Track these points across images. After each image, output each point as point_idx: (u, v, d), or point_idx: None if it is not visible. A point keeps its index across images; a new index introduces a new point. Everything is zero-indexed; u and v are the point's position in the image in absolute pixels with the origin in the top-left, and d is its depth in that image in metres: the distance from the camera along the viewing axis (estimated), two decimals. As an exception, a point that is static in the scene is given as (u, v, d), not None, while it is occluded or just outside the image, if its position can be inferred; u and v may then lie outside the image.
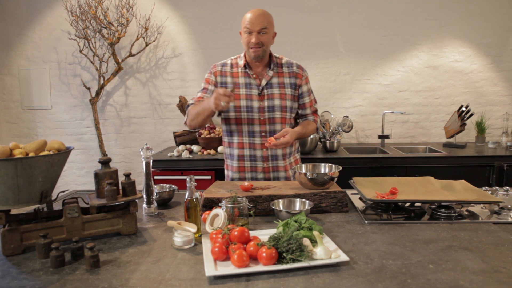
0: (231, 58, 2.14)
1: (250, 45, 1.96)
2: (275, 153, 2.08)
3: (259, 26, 1.93)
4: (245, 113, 2.04)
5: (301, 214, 1.37)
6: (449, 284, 1.03)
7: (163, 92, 4.03)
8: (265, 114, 2.04)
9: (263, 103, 2.04)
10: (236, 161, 2.10)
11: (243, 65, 2.05)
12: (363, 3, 3.81)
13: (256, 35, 1.94)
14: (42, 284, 1.07)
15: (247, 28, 1.95)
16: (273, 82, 2.06)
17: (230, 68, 2.10)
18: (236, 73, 2.08)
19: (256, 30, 1.93)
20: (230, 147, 2.12)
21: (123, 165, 4.15)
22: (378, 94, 3.93)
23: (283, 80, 2.07)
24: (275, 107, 2.04)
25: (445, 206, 1.62)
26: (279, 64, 2.09)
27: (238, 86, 2.04)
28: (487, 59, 3.82)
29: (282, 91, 2.06)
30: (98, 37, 3.86)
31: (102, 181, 1.39)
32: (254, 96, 2.04)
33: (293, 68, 2.10)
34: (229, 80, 2.07)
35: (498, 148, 3.48)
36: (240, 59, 2.09)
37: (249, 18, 1.94)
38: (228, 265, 1.14)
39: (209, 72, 2.12)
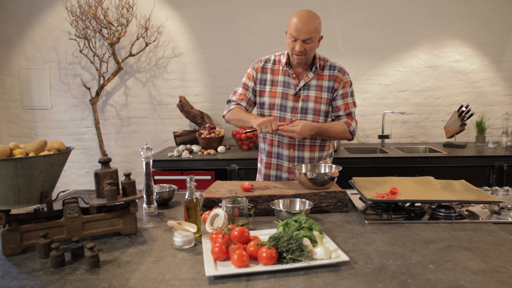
0: (276, 54, 2.10)
1: (294, 52, 1.90)
2: (302, 155, 2.04)
3: (305, 35, 1.84)
4: (278, 111, 2.02)
5: (301, 214, 1.37)
6: (449, 284, 1.03)
7: (163, 92, 4.03)
8: (297, 115, 2.00)
9: (298, 103, 2.00)
10: (265, 157, 2.12)
11: (285, 63, 2.02)
12: (363, 3, 3.81)
13: (301, 44, 1.86)
14: (42, 284, 1.07)
15: (292, 36, 1.87)
16: (311, 84, 2.01)
17: (272, 64, 2.07)
18: (276, 70, 2.05)
19: (301, 39, 1.85)
20: (263, 142, 2.13)
21: (123, 165, 4.15)
22: (378, 94, 3.93)
23: (322, 83, 2.01)
24: (309, 110, 2.00)
25: (445, 206, 1.62)
26: (322, 66, 2.03)
27: (286, 125, 1.89)
28: (487, 59, 3.82)
29: (318, 94, 2.00)
30: (98, 37, 3.86)
31: (102, 181, 1.39)
32: (290, 96, 2.01)
33: (335, 72, 2.02)
34: (268, 77, 2.05)
35: (498, 148, 3.48)
36: (283, 57, 2.04)
37: (295, 25, 1.84)
38: (228, 265, 1.14)
39: (252, 67, 2.10)
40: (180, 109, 3.78)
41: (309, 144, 2.04)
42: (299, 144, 2.03)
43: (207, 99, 4.02)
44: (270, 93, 2.04)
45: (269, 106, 2.03)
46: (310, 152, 2.05)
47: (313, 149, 2.06)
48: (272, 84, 2.05)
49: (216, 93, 4.00)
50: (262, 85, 2.06)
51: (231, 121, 2.08)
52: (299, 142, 2.03)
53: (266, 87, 2.05)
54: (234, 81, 3.95)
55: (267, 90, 2.05)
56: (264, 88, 2.06)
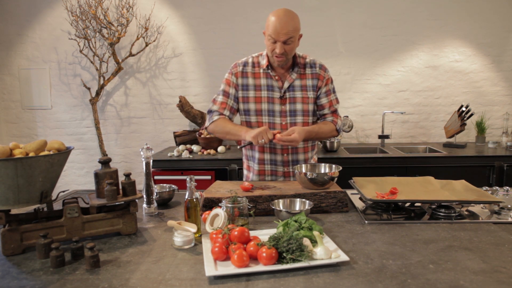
0: (253, 56, 2.01)
1: (274, 54, 1.83)
2: (296, 158, 2.02)
3: (285, 37, 1.77)
4: (266, 117, 1.96)
5: (301, 214, 1.37)
6: (449, 284, 1.03)
7: (163, 92, 4.03)
8: (286, 118, 1.96)
9: (285, 107, 1.95)
10: (257, 164, 2.05)
11: (265, 66, 1.94)
12: (363, 3, 3.81)
13: (281, 45, 1.79)
14: (42, 284, 1.07)
15: (271, 37, 1.80)
16: (296, 85, 1.96)
17: (252, 67, 1.98)
18: (257, 74, 1.96)
19: (281, 40, 1.78)
20: (251, 149, 2.06)
21: (123, 165, 4.15)
22: (378, 94, 3.93)
23: (306, 82, 1.97)
24: (297, 111, 1.96)
25: (445, 206, 1.62)
26: (302, 64, 1.97)
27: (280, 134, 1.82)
28: (487, 59, 3.82)
29: (304, 94, 1.96)
30: (98, 37, 3.86)
31: (102, 181, 1.39)
32: (276, 100, 1.95)
33: (316, 69, 1.98)
34: (250, 82, 1.96)
35: (498, 148, 3.48)
36: (263, 58, 1.96)
37: (274, 26, 1.77)
38: (228, 265, 1.14)
39: (230, 73, 2.00)
40: (180, 109, 3.78)
41: (302, 146, 2.02)
42: (292, 147, 2.00)
43: (207, 99, 4.02)
44: (255, 98, 1.96)
45: (256, 113, 1.96)
46: (304, 154, 2.04)
47: (306, 150, 2.05)
48: (255, 89, 1.96)
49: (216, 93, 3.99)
50: (245, 91, 1.97)
51: (216, 134, 1.99)
52: (292, 146, 1.98)
53: (249, 92, 1.97)
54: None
55: (251, 95, 1.96)
56: (248, 94, 1.97)
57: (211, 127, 2.00)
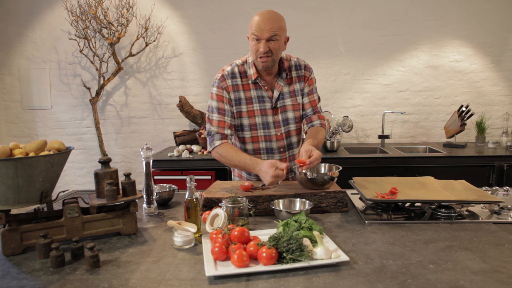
0: (237, 64, 1.89)
1: (259, 54, 1.75)
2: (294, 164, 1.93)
3: (268, 33, 1.70)
4: (261, 130, 1.90)
5: (301, 214, 1.37)
6: (449, 284, 1.03)
7: (163, 92, 4.03)
8: (281, 128, 1.91)
9: (277, 116, 1.89)
10: (255, 177, 1.97)
11: (254, 78, 1.84)
12: (363, 3, 3.81)
13: (265, 43, 1.71)
14: (42, 284, 1.07)
15: (254, 35, 1.73)
16: (285, 92, 1.90)
17: (240, 79, 1.87)
18: (246, 85, 1.86)
19: (264, 37, 1.71)
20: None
21: (123, 165, 4.15)
22: (378, 94, 3.93)
23: (294, 87, 1.91)
24: (290, 120, 1.92)
25: (445, 206, 1.62)
26: (287, 67, 1.90)
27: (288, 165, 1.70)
28: (487, 59, 3.82)
29: (294, 101, 1.91)
30: (98, 37, 3.86)
31: (102, 181, 1.39)
32: (268, 111, 1.88)
33: (302, 71, 1.92)
34: (242, 96, 1.86)
35: (498, 148, 3.48)
36: (249, 67, 1.86)
37: (257, 24, 1.72)
38: (228, 265, 1.14)
39: (219, 87, 1.86)
40: (180, 109, 3.78)
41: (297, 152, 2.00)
42: (290, 155, 1.99)
43: (207, 99, 4.02)
44: (248, 112, 1.87)
45: (250, 127, 1.89)
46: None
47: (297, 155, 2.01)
48: (247, 103, 1.87)
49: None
50: (238, 105, 1.87)
51: (221, 161, 1.87)
52: (290, 154, 1.98)
53: (241, 107, 1.88)
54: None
55: (244, 110, 1.88)
56: (240, 109, 1.88)
57: (215, 155, 1.89)
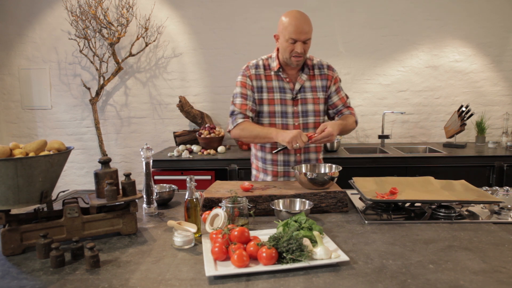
0: (262, 58, 2.05)
1: (293, 54, 1.88)
2: (308, 157, 2.05)
3: (305, 36, 1.84)
4: (279, 118, 1.99)
5: (301, 214, 1.37)
6: (449, 284, 1.03)
7: (163, 92, 4.03)
8: (299, 119, 2.00)
9: (297, 108, 1.99)
10: (270, 165, 2.07)
11: (277, 69, 1.98)
12: (363, 3, 3.81)
13: (301, 45, 1.85)
14: (42, 284, 1.07)
15: (291, 39, 1.84)
16: (306, 86, 2.01)
17: (263, 70, 2.01)
18: (269, 76, 2.00)
19: (302, 40, 1.84)
20: (262, 151, 2.07)
21: (123, 165, 4.15)
22: (378, 94, 3.93)
23: (315, 83, 2.02)
24: (309, 112, 2.00)
25: (445, 206, 1.62)
26: (311, 65, 2.03)
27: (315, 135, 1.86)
28: (487, 59, 3.82)
29: (314, 95, 2.01)
30: (98, 37, 3.86)
31: (102, 181, 1.39)
32: (288, 101, 1.99)
33: (324, 70, 2.04)
34: (264, 84, 1.99)
35: (498, 148, 3.48)
36: (272, 61, 2.01)
37: (295, 27, 1.83)
38: (228, 265, 1.14)
39: (243, 75, 2.02)
40: (180, 109, 3.78)
41: (314, 145, 2.05)
42: (305, 147, 2.02)
43: (207, 99, 4.02)
44: (268, 100, 1.99)
45: (269, 114, 2.00)
46: (316, 153, 2.07)
47: (319, 150, 2.09)
48: (268, 91, 2.00)
49: (216, 93, 4.00)
50: (259, 93, 2.00)
51: (242, 138, 1.97)
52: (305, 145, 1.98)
53: (262, 94, 2.00)
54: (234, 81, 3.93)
55: (265, 97, 2.00)
56: (261, 96, 2.00)
57: (236, 132, 1.97)
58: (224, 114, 4.01)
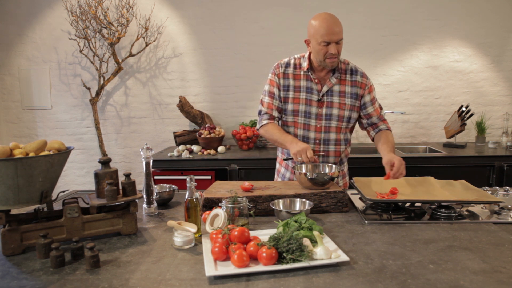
0: (295, 57, 2.05)
1: (328, 56, 1.86)
2: (327, 160, 2.04)
3: (338, 36, 1.85)
4: (302, 118, 2.00)
5: (301, 214, 1.37)
6: (449, 284, 1.03)
7: (163, 92, 4.03)
8: (322, 121, 1.99)
9: (322, 110, 1.98)
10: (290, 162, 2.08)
11: (307, 69, 1.98)
12: (363, 3, 3.81)
13: (335, 46, 1.85)
14: (42, 284, 1.07)
15: (324, 41, 1.84)
16: (334, 90, 1.98)
17: (293, 69, 2.01)
18: (298, 76, 2.00)
19: (335, 41, 1.84)
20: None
21: (123, 165, 4.15)
22: (378, 94, 3.92)
23: (345, 88, 1.99)
24: (333, 116, 1.99)
25: (445, 206, 1.62)
26: (343, 70, 2.01)
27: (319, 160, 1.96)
28: (487, 59, 3.82)
29: (342, 100, 1.99)
30: (98, 37, 3.86)
31: (102, 181, 1.39)
32: (314, 102, 1.98)
33: (357, 77, 2.00)
34: (291, 83, 2.00)
35: (498, 148, 3.48)
36: (304, 60, 2.00)
37: (327, 29, 1.83)
38: (228, 265, 1.14)
39: (273, 73, 2.04)
40: (180, 109, 3.78)
41: (333, 150, 2.04)
42: (324, 150, 2.03)
43: (207, 99, 4.02)
44: (294, 99, 2.00)
45: (293, 113, 2.01)
46: (334, 157, 2.06)
47: (338, 154, 2.07)
48: (295, 90, 2.00)
49: (216, 93, 4.00)
50: (285, 91, 2.01)
51: (266, 138, 2.08)
52: (324, 149, 2.03)
53: (289, 93, 2.01)
54: (234, 81, 3.96)
55: (290, 96, 2.01)
56: (288, 94, 2.01)
57: (261, 132, 2.07)
58: (224, 114, 4.02)
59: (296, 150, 1.81)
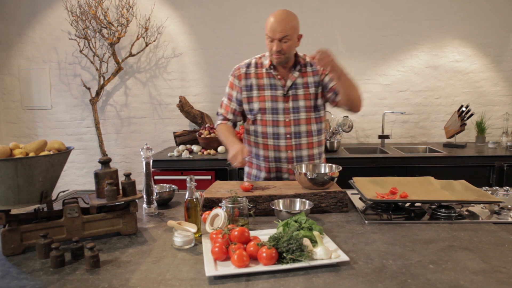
0: (256, 56, 2.07)
1: (272, 52, 1.90)
2: (300, 154, 2.05)
3: (280, 34, 1.83)
4: (270, 115, 2.01)
5: (301, 214, 1.37)
6: (449, 284, 1.03)
7: (163, 92, 4.03)
8: (290, 115, 2.01)
9: (288, 104, 2.00)
10: (263, 162, 2.09)
11: (268, 66, 1.99)
12: (363, 3, 3.81)
13: (278, 43, 1.85)
14: (42, 284, 1.07)
15: (268, 36, 1.86)
16: (298, 83, 2.01)
17: (255, 68, 2.03)
18: (260, 74, 2.02)
19: (277, 38, 1.84)
20: (256, 147, 2.10)
21: (123, 165, 4.15)
22: (378, 94, 3.93)
23: (307, 79, 2.02)
24: (300, 108, 2.01)
25: (445, 206, 1.62)
26: (303, 63, 2.02)
27: (252, 158, 2.06)
28: (487, 59, 3.82)
29: (306, 91, 2.01)
30: (98, 37, 3.86)
31: (102, 181, 1.39)
32: (279, 98, 2.00)
33: (315, 67, 2.03)
34: (253, 82, 2.02)
35: (498, 148, 3.48)
36: (265, 59, 2.02)
37: (271, 25, 1.84)
38: (228, 265, 1.14)
39: (233, 75, 2.07)
40: (180, 109, 3.78)
41: (306, 142, 2.05)
42: (296, 144, 2.03)
43: (207, 99, 4.02)
44: (259, 97, 2.01)
45: (260, 111, 2.02)
46: (308, 149, 2.06)
47: (311, 146, 2.07)
48: (258, 89, 2.01)
49: (216, 93, 4.00)
50: (249, 91, 2.03)
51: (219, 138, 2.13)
52: (296, 142, 2.03)
53: (253, 92, 2.02)
54: (234, 81, 3.95)
55: (255, 95, 2.02)
56: (252, 94, 2.02)
57: (216, 131, 2.17)
58: (224, 114, 4.02)
59: (229, 156, 1.84)
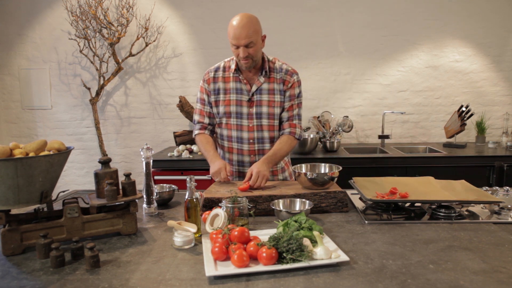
0: (225, 60, 2.08)
1: (240, 58, 1.90)
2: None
3: (244, 41, 1.82)
4: (234, 119, 2.02)
5: (301, 214, 1.37)
6: (449, 284, 1.03)
7: (163, 92, 4.03)
8: (253, 121, 2.01)
9: (252, 109, 2.00)
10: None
11: (234, 70, 2.00)
12: (363, 3, 3.80)
13: (243, 49, 1.85)
14: (42, 284, 1.07)
15: (232, 44, 1.87)
16: (263, 88, 2.00)
17: (223, 72, 2.04)
18: (228, 78, 2.02)
19: (242, 45, 1.84)
20: (222, 149, 2.13)
21: (123, 165, 4.15)
22: (378, 94, 3.93)
23: (273, 86, 2.00)
24: (263, 114, 2.00)
25: (445, 206, 1.62)
26: (271, 68, 2.01)
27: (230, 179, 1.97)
28: (487, 59, 3.82)
29: (271, 97, 2.00)
30: (98, 37, 3.86)
31: (102, 181, 1.39)
32: (244, 102, 2.00)
33: (282, 74, 2.00)
34: (221, 86, 2.02)
35: (498, 148, 3.48)
36: (233, 63, 2.03)
37: (234, 33, 1.83)
38: (228, 265, 1.14)
39: (202, 80, 2.08)
40: (180, 109, 3.78)
41: (269, 148, 2.03)
42: (259, 149, 2.03)
43: (207, 99, 4.01)
44: (224, 101, 2.01)
45: (225, 115, 2.02)
46: None
47: None
48: (225, 93, 2.02)
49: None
50: (216, 95, 2.03)
51: None
52: (259, 147, 2.03)
53: (219, 96, 2.03)
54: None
55: (221, 99, 2.02)
56: (218, 98, 2.03)
57: (195, 140, 2.14)
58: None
59: (211, 172, 1.90)
